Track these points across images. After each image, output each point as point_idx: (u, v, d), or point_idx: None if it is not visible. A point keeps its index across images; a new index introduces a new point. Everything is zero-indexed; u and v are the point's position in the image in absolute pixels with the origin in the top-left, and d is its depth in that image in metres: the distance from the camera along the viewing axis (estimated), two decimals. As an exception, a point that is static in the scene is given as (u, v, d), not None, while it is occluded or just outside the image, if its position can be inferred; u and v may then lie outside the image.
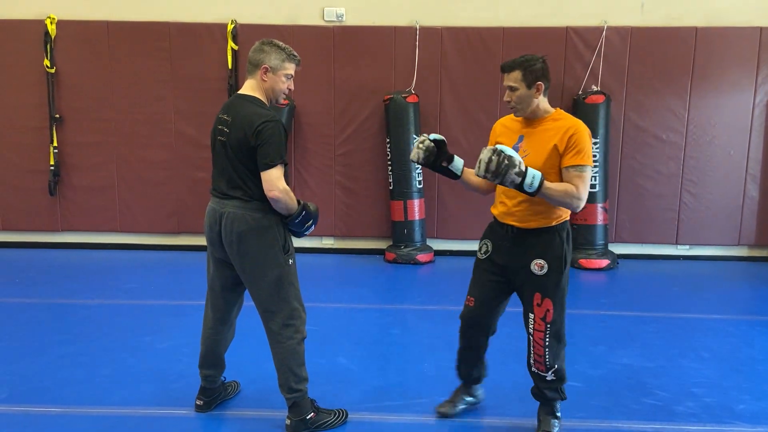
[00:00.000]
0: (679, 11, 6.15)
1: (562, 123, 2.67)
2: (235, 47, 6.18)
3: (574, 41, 6.16)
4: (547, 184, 2.53)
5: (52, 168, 6.31)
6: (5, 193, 6.43)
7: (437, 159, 2.81)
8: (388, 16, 6.24)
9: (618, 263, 6.17)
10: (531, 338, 2.81)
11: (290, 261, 2.82)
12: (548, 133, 2.66)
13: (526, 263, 2.72)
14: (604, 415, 3.10)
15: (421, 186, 6.16)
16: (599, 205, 6.06)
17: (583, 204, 2.60)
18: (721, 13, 6.13)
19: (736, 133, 6.23)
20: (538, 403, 2.95)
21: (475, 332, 2.96)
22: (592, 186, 6.01)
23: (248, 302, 2.97)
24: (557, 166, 2.63)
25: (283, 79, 2.79)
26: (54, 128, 6.29)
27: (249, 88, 2.80)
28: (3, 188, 6.42)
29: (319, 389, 3.14)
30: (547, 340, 2.76)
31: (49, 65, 6.19)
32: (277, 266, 2.76)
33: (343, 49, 6.21)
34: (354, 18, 6.25)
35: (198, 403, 3.08)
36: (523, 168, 2.48)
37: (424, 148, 2.77)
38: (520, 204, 2.71)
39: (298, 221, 2.79)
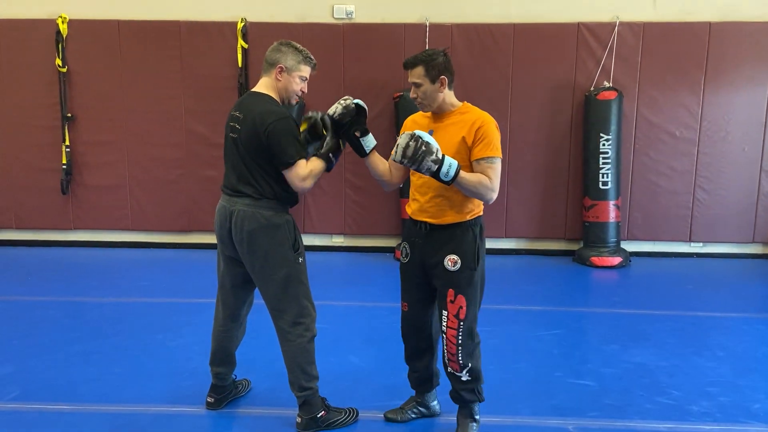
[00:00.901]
0: (693, 6, 6.08)
1: (469, 116, 2.64)
2: (245, 45, 6.19)
3: (585, 37, 6.11)
4: (462, 173, 2.51)
5: (64, 167, 6.35)
6: (18, 191, 6.48)
7: (351, 126, 2.74)
8: (398, 13, 6.22)
9: (630, 261, 6.12)
10: (444, 336, 2.75)
11: (300, 259, 2.81)
12: (456, 127, 2.64)
13: (440, 259, 2.69)
14: (618, 415, 3.07)
15: (431, 183, 6.13)
16: (611, 203, 6.01)
17: (495, 195, 2.60)
18: (734, 7, 6.05)
19: (750, 129, 6.16)
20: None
21: (415, 337, 2.89)
22: (604, 183, 5.97)
23: (258, 300, 2.97)
24: (466, 159, 2.61)
25: (297, 80, 2.80)
26: (66, 127, 6.33)
27: (263, 86, 2.82)
28: (16, 187, 6.47)
29: (329, 387, 3.13)
30: (460, 337, 2.72)
31: (60, 64, 6.23)
32: (287, 264, 2.75)
33: (352, 47, 6.20)
34: (363, 15, 6.24)
35: (209, 400, 3.08)
36: (440, 156, 2.46)
37: (344, 104, 2.72)
38: (432, 200, 2.68)
39: (337, 159, 2.81)
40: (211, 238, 6.35)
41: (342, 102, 2.73)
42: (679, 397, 3.25)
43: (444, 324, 2.73)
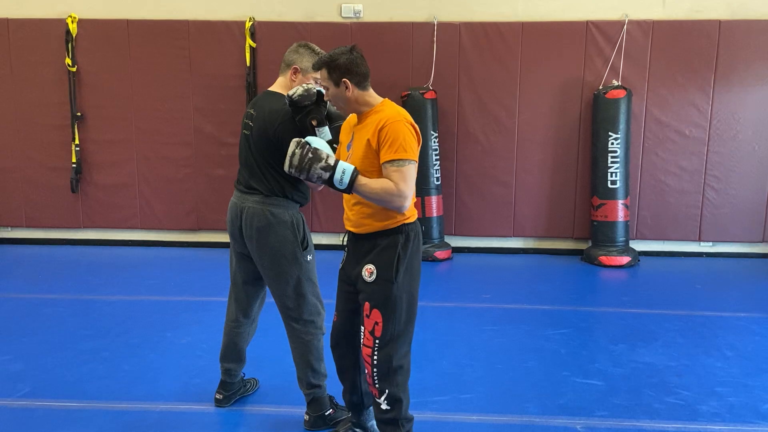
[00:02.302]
0: (702, 4, 6.05)
1: (378, 116, 2.41)
2: (253, 44, 6.20)
3: (594, 35, 6.08)
4: (361, 179, 2.30)
5: (74, 165, 6.39)
6: (28, 190, 6.52)
7: (309, 113, 2.61)
8: (406, 12, 6.21)
9: (639, 260, 6.09)
10: (361, 353, 2.53)
11: (309, 257, 2.82)
12: (367, 128, 2.42)
13: (359, 270, 2.48)
14: (626, 414, 3.06)
15: (439, 183, 6.14)
16: (620, 202, 5.99)
17: (406, 202, 2.33)
18: (745, 5, 6.01)
19: (760, 128, 6.11)
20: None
21: (340, 350, 2.68)
22: (613, 182, 5.94)
23: (269, 298, 2.98)
24: (377, 164, 2.37)
25: (312, 82, 2.81)
26: (76, 126, 6.37)
27: (278, 85, 2.86)
28: (26, 185, 6.51)
29: (337, 386, 3.13)
30: (376, 358, 2.43)
31: (70, 63, 6.26)
32: (296, 262, 2.76)
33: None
34: (371, 14, 6.24)
35: (217, 397, 3.10)
36: (332, 162, 2.28)
37: (305, 87, 2.62)
38: (353, 207, 2.49)
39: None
40: (219, 237, 6.43)
41: (305, 85, 2.65)
42: (688, 397, 3.24)
43: (361, 340, 2.51)
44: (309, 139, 2.36)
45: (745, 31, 5.98)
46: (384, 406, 2.47)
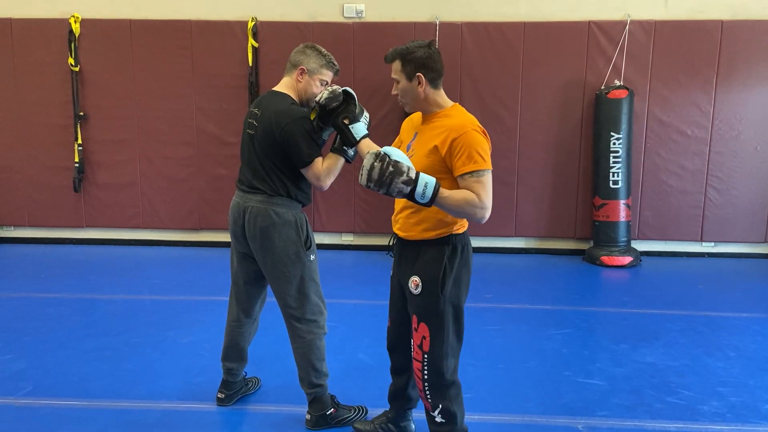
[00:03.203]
0: (704, 4, 6.04)
1: (449, 122, 2.33)
2: (256, 45, 6.21)
3: (596, 35, 6.08)
4: (443, 192, 2.20)
5: (76, 165, 6.40)
6: (31, 189, 6.54)
7: (341, 113, 2.58)
8: (408, 12, 6.22)
9: (641, 260, 6.09)
10: (412, 365, 2.48)
11: (312, 257, 2.83)
12: (434, 132, 2.34)
13: (406, 279, 2.41)
14: (627, 414, 3.06)
15: (441, 182, 6.13)
16: (622, 202, 5.98)
17: (487, 213, 2.26)
18: (747, 5, 6.00)
19: (762, 128, 6.11)
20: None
21: (400, 354, 2.64)
22: (615, 182, 5.94)
23: (270, 298, 2.98)
24: (439, 169, 2.30)
25: (318, 83, 2.82)
26: (78, 126, 6.38)
27: (283, 85, 2.85)
28: (29, 185, 6.53)
29: (339, 385, 3.15)
30: (426, 373, 2.39)
31: (73, 63, 6.28)
32: (299, 262, 2.77)
33: (362, 46, 6.20)
34: (373, 14, 6.25)
35: (219, 396, 3.10)
36: (413, 175, 2.16)
37: (331, 89, 2.59)
38: (403, 210, 2.42)
39: (354, 150, 2.70)
40: (221, 237, 6.43)
41: (329, 88, 2.65)
42: (690, 397, 3.24)
43: (411, 353, 2.48)
44: (386, 149, 2.21)
45: (747, 31, 5.98)
46: (438, 419, 2.43)
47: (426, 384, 2.41)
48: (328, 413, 2.89)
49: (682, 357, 3.77)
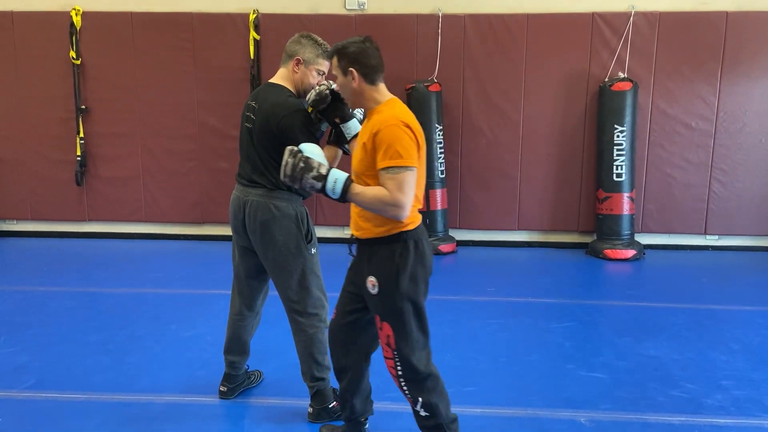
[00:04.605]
0: (710, -5, 6.00)
1: (377, 117, 2.30)
2: (257, 37, 6.18)
3: (600, 27, 6.04)
4: (355, 188, 2.23)
5: (78, 159, 6.40)
6: (33, 183, 6.54)
7: (332, 112, 2.57)
8: (410, 4, 6.18)
9: (644, 254, 6.07)
10: (386, 364, 2.45)
11: (313, 250, 2.82)
12: (366, 128, 2.35)
13: (363, 279, 2.38)
14: (631, 407, 3.05)
15: (443, 176, 6.12)
16: (625, 195, 5.96)
17: (402, 212, 2.22)
18: (752, -4, 5.97)
19: (767, 121, 6.07)
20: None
21: (340, 349, 2.57)
22: (618, 175, 5.91)
23: (272, 291, 2.98)
24: (369, 165, 2.28)
25: (314, 74, 2.79)
26: (80, 119, 6.37)
27: (279, 77, 2.83)
28: (31, 178, 6.53)
29: (341, 378, 3.13)
30: (400, 369, 2.38)
31: (74, 56, 6.26)
32: (300, 255, 2.76)
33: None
34: (376, 6, 6.21)
35: (222, 389, 3.10)
36: (324, 171, 2.23)
37: (317, 91, 2.59)
38: (354, 209, 2.41)
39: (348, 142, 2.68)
40: (223, 230, 6.43)
41: (318, 88, 2.63)
42: (693, 391, 3.23)
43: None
44: (302, 146, 2.30)
45: (752, 22, 5.93)
46: (422, 413, 2.40)
47: (402, 380, 2.40)
48: (330, 406, 2.89)
49: (686, 350, 3.75)
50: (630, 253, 5.90)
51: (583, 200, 6.32)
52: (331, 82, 2.74)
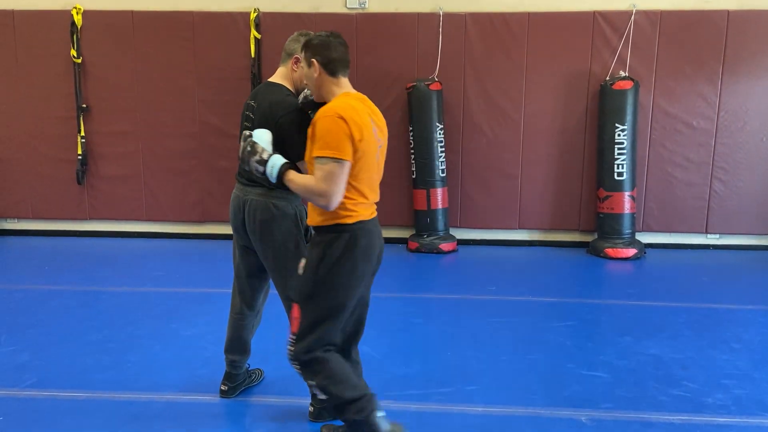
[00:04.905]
0: (711, -6, 6.00)
1: (320, 108, 2.38)
2: (258, 36, 6.18)
3: (601, 26, 6.03)
4: (289, 175, 2.35)
5: (79, 157, 6.40)
6: (34, 182, 6.54)
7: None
8: (411, 3, 6.18)
9: (645, 252, 6.06)
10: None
11: (313, 249, 2.81)
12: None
13: None
14: (631, 406, 3.05)
15: (444, 175, 6.12)
16: (626, 194, 5.95)
17: (327, 202, 2.29)
18: (754, -5, 5.96)
19: (769, 120, 6.07)
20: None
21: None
22: (619, 174, 5.91)
23: (273, 290, 2.98)
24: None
25: None
26: (81, 118, 6.37)
27: (279, 76, 2.83)
28: (32, 177, 6.53)
29: (342, 377, 3.13)
30: (293, 353, 2.45)
31: (75, 55, 6.26)
32: (300, 255, 2.75)
33: (365, 37, 6.17)
34: (377, 5, 6.21)
35: (222, 388, 3.10)
36: (266, 156, 2.38)
37: (305, 93, 2.68)
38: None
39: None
40: (224, 229, 6.43)
41: (306, 92, 2.71)
42: (694, 390, 3.23)
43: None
44: (254, 132, 2.46)
45: (753, 21, 5.92)
46: (320, 396, 2.48)
47: (296, 363, 2.46)
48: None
49: (687, 349, 3.75)
50: (631, 252, 5.90)
51: (584, 199, 6.31)
52: None
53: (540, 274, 5.48)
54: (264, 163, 2.38)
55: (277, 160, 2.38)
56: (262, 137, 2.47)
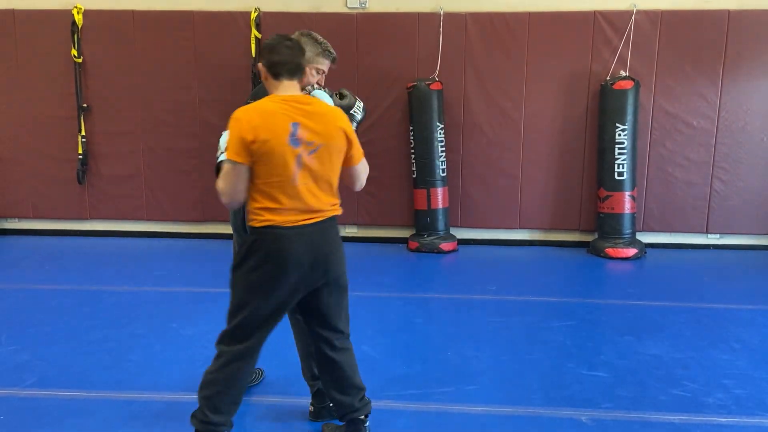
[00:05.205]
0: (712, -7, 5.99)
1: None
2: (259, 35, 6.18)
3: (602, 25, 6.03)
4: (221, 173, 2.40)
5: (80, 157, 6.40)
6: (35, 181, 6.54)
7: None
8: (412, 2, 6.17)
9: (646, 252, 6.06)
10: None
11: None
12: None
13: None
14: (632, 406, 3.05)
15: (444, 174, 6.12)
16: (627, 194, 5.95)
17: (225, 200, 2.35)
18: (755, -5, 5.95)
19: (769, 119, 6.07)
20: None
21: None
22: (620, 174, 5.91)
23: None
24: None
25: (314, 72, 2.79)
26: (82, 117, 6.37)
27: None
28: (33, 177, 6.53)
29: (342, 377, 3.13)
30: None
31: (76, 55, 6.26)
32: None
33: (366, 37, 6.17)
34: (377, 4, 6.21)
35: (223, 389, 3.10)
36: (219, 154, 2.50)
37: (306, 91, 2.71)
38: None
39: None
40: (224, 228, 6.42)
41: (307, 88, 2.72)
42: (694, 389, 3.23)
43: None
44: (224, 133, 2.50)
45: (754, 21, 5.92)
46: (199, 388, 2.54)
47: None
48: (331, 405, 2.88)
49: (687, 349, 3.75)
50: (631, 251, 5.89)
51: (584, 199, 6.31)
52: (314, 86, 2.75)
53: (540, 274, 5.48)
54: (218, 163, 2.46)
55: (221, 159, 2.44)
56: (224, 137, 2.51)
